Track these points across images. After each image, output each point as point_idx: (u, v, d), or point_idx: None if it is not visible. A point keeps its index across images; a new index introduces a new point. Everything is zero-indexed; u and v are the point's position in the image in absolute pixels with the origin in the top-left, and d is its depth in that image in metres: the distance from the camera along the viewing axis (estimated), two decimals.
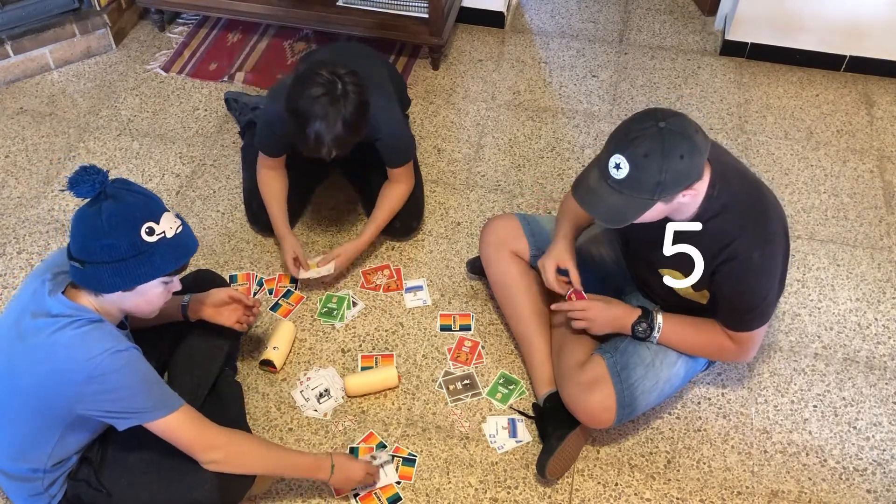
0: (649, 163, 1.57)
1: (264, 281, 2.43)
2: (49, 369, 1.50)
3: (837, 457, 2.07)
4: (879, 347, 2.29)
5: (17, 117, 2.94)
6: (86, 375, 1.48)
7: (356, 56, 2.44)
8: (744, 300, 1.79)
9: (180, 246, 1.56)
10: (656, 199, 1.61)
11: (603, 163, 1.63)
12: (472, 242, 2.53)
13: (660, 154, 1.57)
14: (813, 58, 3.14)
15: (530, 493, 1.99)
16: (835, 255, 2.53)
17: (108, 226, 1.48)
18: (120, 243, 1.49)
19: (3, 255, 2.49)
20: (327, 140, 2.00)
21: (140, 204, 1.52)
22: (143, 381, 1.56)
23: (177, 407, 1.59)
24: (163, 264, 1.54)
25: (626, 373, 1.92)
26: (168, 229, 1.54)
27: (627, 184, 1.60)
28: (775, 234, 1.75)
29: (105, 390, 1.51)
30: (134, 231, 1.49)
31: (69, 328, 1.50)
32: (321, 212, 2.63)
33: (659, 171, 1.57)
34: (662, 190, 1.60)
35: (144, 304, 1.59)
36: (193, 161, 2.78)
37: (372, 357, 2.24)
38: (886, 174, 2.78)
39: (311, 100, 1.98)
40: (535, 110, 3.01)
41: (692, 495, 1.99)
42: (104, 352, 1.49)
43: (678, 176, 1.59)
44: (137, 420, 1.56)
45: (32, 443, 1.61)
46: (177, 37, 3.29)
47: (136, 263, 1.51)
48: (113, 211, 1.49)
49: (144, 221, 1.50)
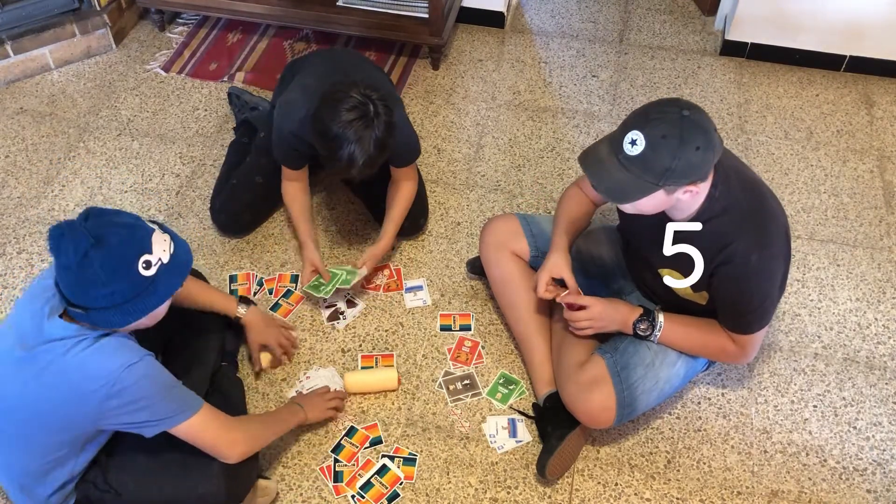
0: (665, 145, 1.56)
1: (264, 281, 2.43)
2: (67, 391, 1.49)
3: (837, 457, 2.07)
4: (879, 347, 2.29)
5: (17, 117, 2.94)
6: (105, 393, 1.48)
7: (359, 65, 2.41)
8: (742, 302, 1.79)
9: (179, 264, 1.55)
10: (660, 186, 1.60)
11: (617, 139, 1.62)
12: (472, 242, 2.53)
13: (678, 140, 1.56)
14: (813, 58, 3.14)
15: (530, 493, 1.99)
16: (835, 255, 2.53)
17: (105, 275, 1.43)
18: (121, 288, 1.46)
19: (3, 255, 2.49)
20: (360, 163, 1.99)
21: (127, 239, 1.46)
22: (163, 388, 1.56)
23: (198, 407, 1.60)
24: (167, 289, 1.53)
25: (626, 373, 1.92)
26: (163, 253, 1.50)
27: (638, 162, 1.59)
28: (775, 237, 1.75)
29: (127, 403, 1.50)
30: (131, 272, 1.46)
31: (78, 348, 1.48)
32: (321, 212, 2.63)
33: (672, 157, 1.56)
34: (669, 177, 1.59)
35: (150, 320, 1.58)
36: (193, 161, 2.78)
37: (372, 357, 2.24)
38: (886, 174, 2.78)
39: (346, 124, 1.95)
40: (535, 110, 3.01)
41: (692, 495, 1.99)
42: (120, 367, 1.48)
43: (688, 167, 1.58)
44: (164, 426, 1.56)
45: (56, 463, 1.61)
46: (177, 37, 3.29)
47: (142, 299, 1.49)
48: (104, 258, 1.43)
49: (139, 257, 1.46)
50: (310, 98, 2.12)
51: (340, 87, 2.01)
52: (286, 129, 2.21)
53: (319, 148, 2.04)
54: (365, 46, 3.23)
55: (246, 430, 1.73)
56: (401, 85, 3.08)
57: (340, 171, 2.03)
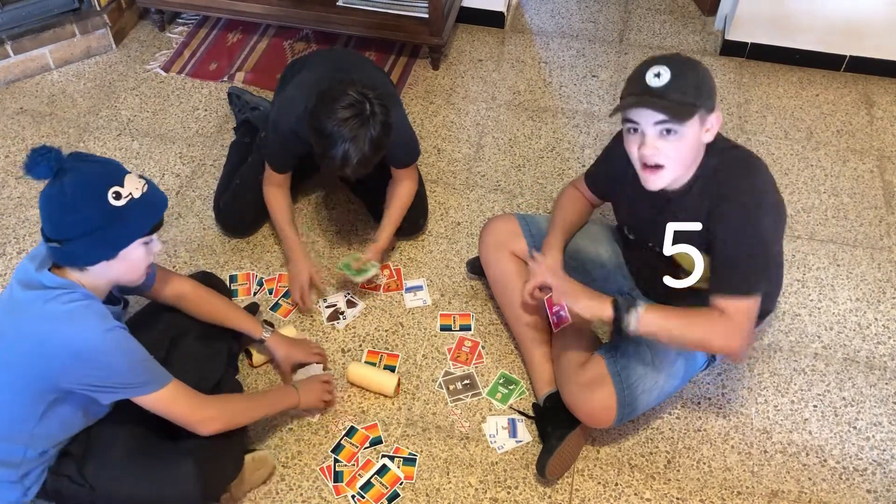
0: (687, 69, 1.66)
1: (264, 281, 2.43)
2: (38, 340, 1.52)
3: (837, 457, 2.07)
4: (879, 347, 2.30)
5: (17, 117, 2.94)
6: (73, 351, 1.51)
7: (359, 65, 2.41)
8: (739, 255, 1.71)
9: (150, 203, 1.57)
10: (699, 106, 1.65)
11: (638, 83, 1.67)
12: (472, 242, 2.53)
13: (689, 62, 1.68)
14: (813, 58, 3.14)
15: (530, 493, 1.99)
16: (835, 255, 2.53)
17: (74, 200, 1.49)
18: (91, 214, 1.50)
19: (3, 255, 2.49)
20: (354, 161, 1.99)
21: (100, 171, 1.53)
22: (132, 360, 1.58)
23: (165, 383, 1.63)
24: (138, 225, 1.56)
25: (627, 372, 1.92)
26: (134, 190, 1.55)
27: (672, 88, 1.64)
28: (767, 186, 1.77)
29: (92, 367, 1.53)
30: (101, 199, 1.50)
31: (59, 301, 1.52)
32: (321, 212, 2.63)
33: (696, 75, 1.67)
34: (701, 95, 1.66)
35: (129, 269, 1.61)
36: (193, 161, 2.78)
37: (378, 354, 2.25)
38: (886, 174, 2.78)
39: (341, 121, 1.95)
40: (535, 110, 3.01)
41: (692, 495, 1.99)
42: (93, 330, 1.52)
43: (710, 86, 1.68)
44: (124, 394, 1.60)
45: (14, 418, 1.61)
46: (177, 37, 3.29)
47: (111, 230, 1.52)
48: (75, 184, 1.50)
49: (109, 187, 1.51)
50: (308, 95, 2.12)
51: (337, 85, 2.01)
52: (284, 125, 2.21)
53: (315, 145, 2.03)
54: (365, 46, 3.23)
55: (222, 408, 1.76)
56: (401, 85, 3.08)
57: (335, 169, 2.03)
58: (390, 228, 2.37)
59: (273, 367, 2.20)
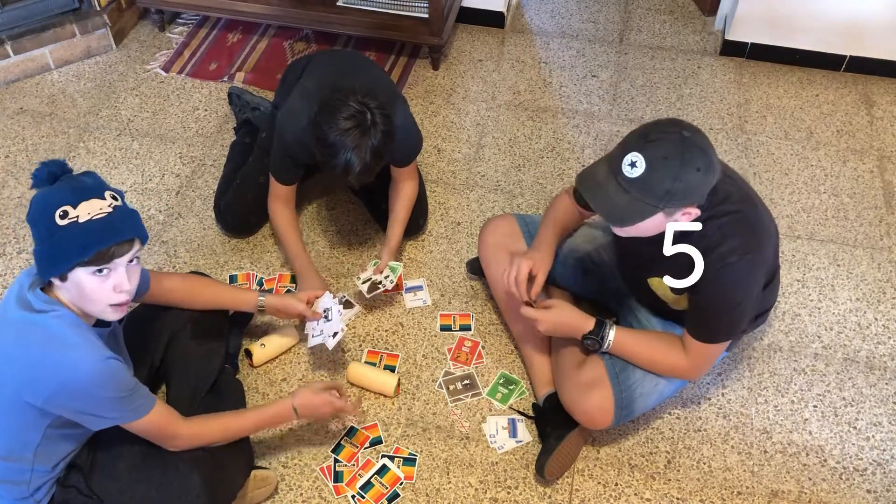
0: (666, 166, 1.54)
1: (264, 281, 2.43)
2: (26, 364, 1.51)
3: (837, 457, 2.07)
4: (879, 347, 2.30)
5: (17, 117, 2.94)
6: (59, 381, 1.50)
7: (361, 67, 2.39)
8: (712, 307, 1.75)
9: (91, 231, 1.47)
10: (661, 209, 1.58)
11: (616, 160, 1.59)
12: (472, 242, 2.53)
13: (679, 160, 1.54)
14: (813, 58, 3.14)
15: (530, 493, 1.99)
16: (835, 255, 2.53)
17: (34, 210, 1.51)
18: (39, 227, 1.51)
19: (3, 255, 2.49)
20: (357, 170, 2.00)
21: (66, 187, 1.51)
22: (115, 396, 1.56)
23: (146, 413, 1.61)
24: (70, 249, 1.47)
25: (625, 375, 1.92)
26: (84, 214, 1.48)
27: (638, 184, 1.56)
28: (759, 247, 1.72)
29: (77, 398, 1.52)
30: (49, 215, 1.49)
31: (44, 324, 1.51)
32: (321, 212, 2.63)
33: (673, 179, 1.54)
34: (670, 199, 1.57)
35: (81, 297, 1.53)
36: (193, 161, 2.78)
37: (378, 354, 2.25)
38: (886, 174, 2.78)
39: (342, 132, 1.97)
40: (535, 110, 3.01)
41: (692, 495, 1.99)
42: (80, 362, 1.50)
43: (689, 189, 1.57)
44: (109, 424, 1.59)
45: (18, 437, 1.61)
46: (177, 37, 3.29)
47: (48, 246, 1.49)
48: (40, 196, 1.51)
49: (60, 206, 1.49)
50: (310, 104, 2.12)
51: (339, 95, 2.02)
52: (288, 136, 2.21)
53: (318, 154, 2.05)
54: (365, 46, 3.23)
55: (192, 431, 1.72)
56: (401, 85, 3.08)
57: (338, 177, 2.05)
58: (399, 228, 2.36)
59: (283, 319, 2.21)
